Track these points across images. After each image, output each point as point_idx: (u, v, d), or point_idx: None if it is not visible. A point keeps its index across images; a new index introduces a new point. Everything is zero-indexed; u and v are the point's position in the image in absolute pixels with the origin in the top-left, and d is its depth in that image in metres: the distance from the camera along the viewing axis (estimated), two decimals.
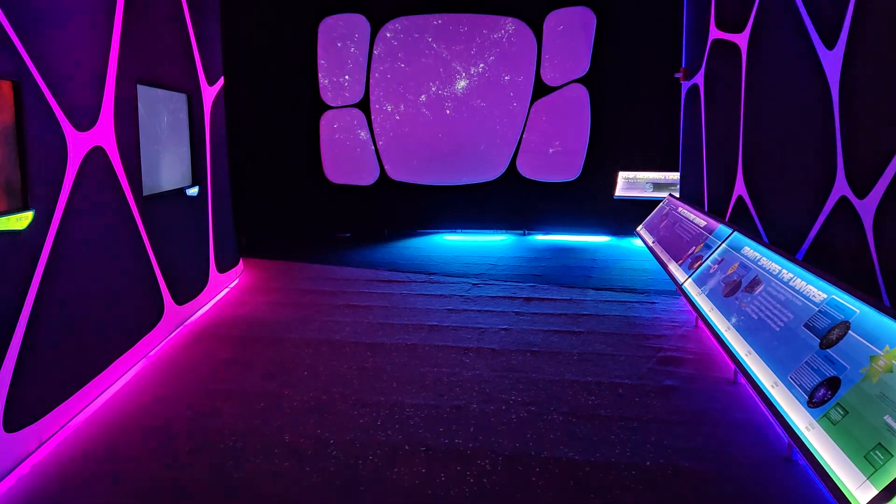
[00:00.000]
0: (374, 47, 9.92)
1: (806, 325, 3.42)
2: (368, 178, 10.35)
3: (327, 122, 10.21)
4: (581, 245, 9.58)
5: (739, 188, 5.80)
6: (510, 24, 9.73)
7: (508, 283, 7.20)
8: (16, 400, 3.35)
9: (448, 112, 10.07)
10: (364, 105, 10.12)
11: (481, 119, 10.05)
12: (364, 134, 10.21)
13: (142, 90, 5.03)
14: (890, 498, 2.26)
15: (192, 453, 3.54)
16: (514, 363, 4.81)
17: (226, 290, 6.85)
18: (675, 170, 9.23)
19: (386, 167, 10.29)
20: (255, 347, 5.16)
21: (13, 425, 3.33)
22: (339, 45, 9.98)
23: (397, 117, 10.15)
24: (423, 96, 10.06)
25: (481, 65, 9.90)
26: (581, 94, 9.80)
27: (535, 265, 8.17)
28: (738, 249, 5.01)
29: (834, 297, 3.35)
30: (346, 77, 10.06)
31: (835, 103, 3.97)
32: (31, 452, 3.45)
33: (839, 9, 3.89)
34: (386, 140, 10.23)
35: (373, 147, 10.24)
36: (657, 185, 9.86)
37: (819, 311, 3.40)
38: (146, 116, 5.16)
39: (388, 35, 9.89)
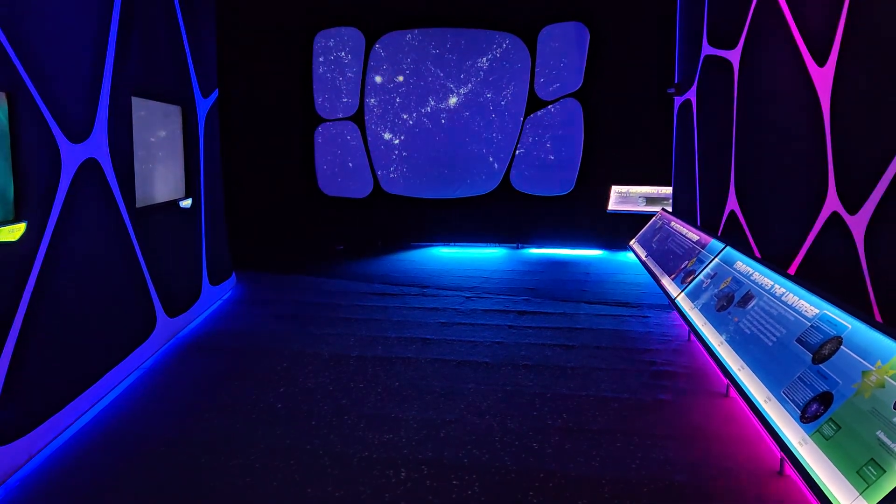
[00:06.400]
0: (369, 60, 9.96)
1: (798, 340, 3.44)
2: (362, 190, 10.36)
3: (321, 135, 10.23)
4: (574, 259, 9.60)
5: (732, 203, 5.84)
6: (504, 39, 9.80)
7: (502, 297, 7.20)
8: (6, 412, 3.32)
9: (442, 125, 10.10)
10: (358, 118, 10.15)
11: (475, 133, 10.09)
12: (358, 147, 10.23)
13: (136, 102, 5.04)
14: None
15: (184, 467, 3.50)
16: (507, 377, 4.80)
17: (218, 303, 6.82)
18: (667, 184, 9.28)
19: (380, 180, 10.30)
20: (247, 360, 5.13)
21: (3, 438, 3.30)
22: (333, 58, 10.02)
23: (391, 130, 10.18)
24: (417, 110, 10.10)
25: (475, 79, 9.95)
26: (574, 108, 9.86)
27: (528, 279, 8.17)
28: (730, 264, 5.04)
29: (826, 312, 3.37)
30: (341, 90, 10.10)
31: (826, 119, 4.01)
32: (20, 465, 3.42)
33: (830, 26, 3.94)
34: (380, 153, 10.25)
35: (367, 160, 10.26)
36: (650, 200, 9.91)
37: (811, 325, 3.41)
38: (140, 128, 5.16)
39: (383, 49, 9.94)
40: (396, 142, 10.20)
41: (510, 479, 3.39)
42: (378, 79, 10.02)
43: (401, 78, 10.01)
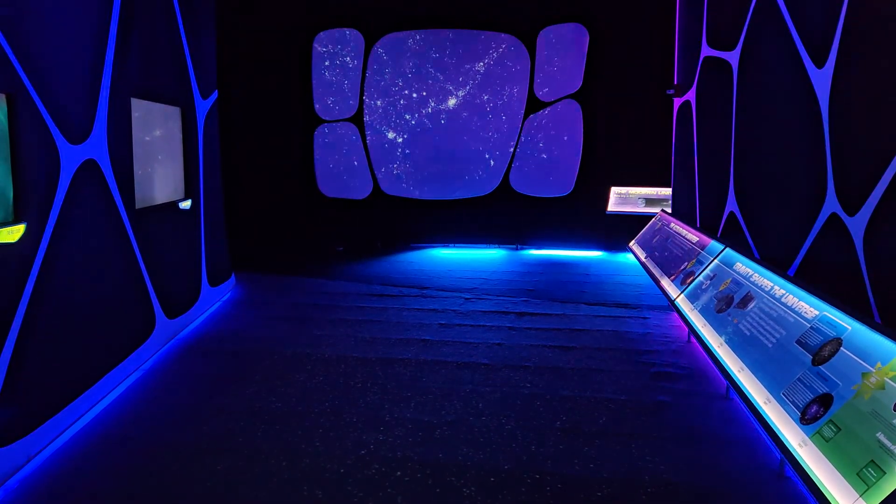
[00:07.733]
0: (369, 62, 9.96)
1: (798, 342, 3.43)
2: (362, 191, 10.36)
3: (321, 136, 10.23)
4: (574, 260, 9.60)
5: (731, 204, 5.84)
6: (504, 41, 9.80)
7: (501, 298, 7.19)
8: (5, 412, 3.31)
9: (442, 126, 10.10)
10: (358, 119, 10.15)
11: (474, 134, 10.09)
12: (358, 147, 10.23)
13: (135, 103, 5.03)
14: None
15: (184, 468, 3.50)
16: (506, 378, 4.80)
17: (217, 304, 6.82)
18: (667, 185, 9.28)
19: (379, 181, 10.30)
20: (246, 362, 5.13)
21: (2, 439, 3.30)
22: (333, 59, 10.02)
23: (391, 131, 10.18)
24: (417, 111, 10.10)
25: (474, 80, 9.95)
26: (574, 109, 9.87)
27: (528, 280, 8.17)
28: (730, 265, 5.04)
29: (826, 313, 3.37)
30: (341, 91, 10.10)
31: (825, 121, 4.02)
32: (20, 467, 3.42)
33: (828, 27, 3.94)
34: (379, 154, 10.25)
35: (366, 161, 10.26)
36: (649, 201, 9.91)
37: (811, 327, 3.41)
38: (140, 129, 5.16)
39: (383, 50, 9.94)
40: (395, 142, 10.20)
41: (507, 479, 3.39)
42: (377, 80, 10.02)
43: (400, 79, 10.01)
